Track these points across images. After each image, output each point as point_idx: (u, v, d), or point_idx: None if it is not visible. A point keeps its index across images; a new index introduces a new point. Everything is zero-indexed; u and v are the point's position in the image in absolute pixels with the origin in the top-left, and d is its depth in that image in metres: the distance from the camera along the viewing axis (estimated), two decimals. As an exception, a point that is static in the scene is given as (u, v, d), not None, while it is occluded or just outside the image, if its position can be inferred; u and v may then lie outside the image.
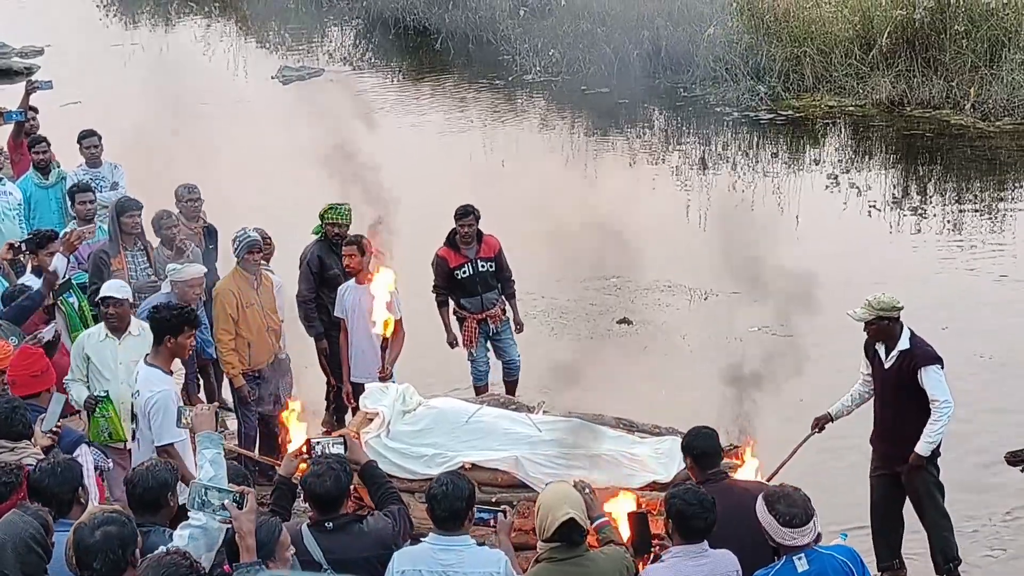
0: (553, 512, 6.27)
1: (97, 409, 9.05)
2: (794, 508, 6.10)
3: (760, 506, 6.19)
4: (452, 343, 11.88)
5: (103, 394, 9.09)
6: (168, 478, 6.28)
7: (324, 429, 10.74)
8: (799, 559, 6.09)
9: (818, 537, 6.17)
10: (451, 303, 11.86)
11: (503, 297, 11.88)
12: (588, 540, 6.45)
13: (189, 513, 5.81)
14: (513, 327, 11.94)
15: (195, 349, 10.39)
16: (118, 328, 9.27)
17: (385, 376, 10.32)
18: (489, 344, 11.89)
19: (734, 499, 6.69)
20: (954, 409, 8.98)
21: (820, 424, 9.48)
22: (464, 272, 11.67)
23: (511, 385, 11.75)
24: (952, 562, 9.18)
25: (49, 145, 13.32)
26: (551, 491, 6.53)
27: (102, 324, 9.38)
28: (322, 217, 11.29)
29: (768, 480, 8.25)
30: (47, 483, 6.17)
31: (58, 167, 13.28)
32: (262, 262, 11.06)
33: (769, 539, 6.21)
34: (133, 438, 8.49)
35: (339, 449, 6.90)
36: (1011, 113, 20.07)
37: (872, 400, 9.36)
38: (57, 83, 15.26)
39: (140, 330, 9.25)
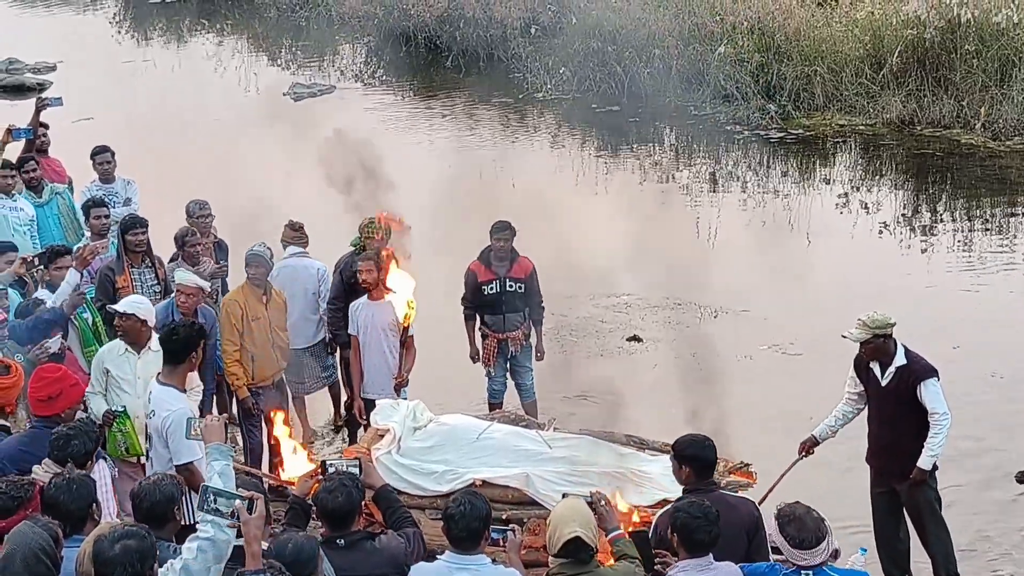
0: (560, 528, 6.30)
1: (115, 423, 9.07)
2: (804, 532, 6.10)
3: (772, 526, 6.21)
4: (474, 357, 11.79)
5: (120, 409, 9.11)
6: (174, 492, 6.29)
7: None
8: None
9: (836, 553, 6.18)
10: (477, 318, 11.75)
11: (529, 321, 11.75)
12: (600, 555, 6.46)
13: (198, 526, 5.83)
14: (535, 354, 11.83)
15: (214, 365, 10.45)
16: (136, 343, 9.30)
17: (401, 381, 10.37)
18: (509, 365, 11.82)
19: (725, 510, 6.71)
20: (951, 422, 8.94)
21: (807, 448, 9.42)
22: (492, 289, 11.51)
23: (528, 407, 11.69)
24: (954, 579, 9.19)
25: (38, 164, 13.31)
26: (563, 506, 6.55)
27: (119, 340, 9.42)
28: (362, 231, 11.28)
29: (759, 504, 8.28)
30: (61, 499, 6.15)
31: (50, 184, 13.25)
32: (305, 251, 11.72)
33: (782, 554, 6.24)
34: (147, 458, 8.49)
35: (354, 471, 6.91)
36: (1021, 133, 20.07)
37: (867, 418, 9.31)
38: (69, 99, 15.31)
39: (159, 346, 9.29)
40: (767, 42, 22.78)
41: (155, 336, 9.34)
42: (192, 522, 6.53)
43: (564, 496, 6.89)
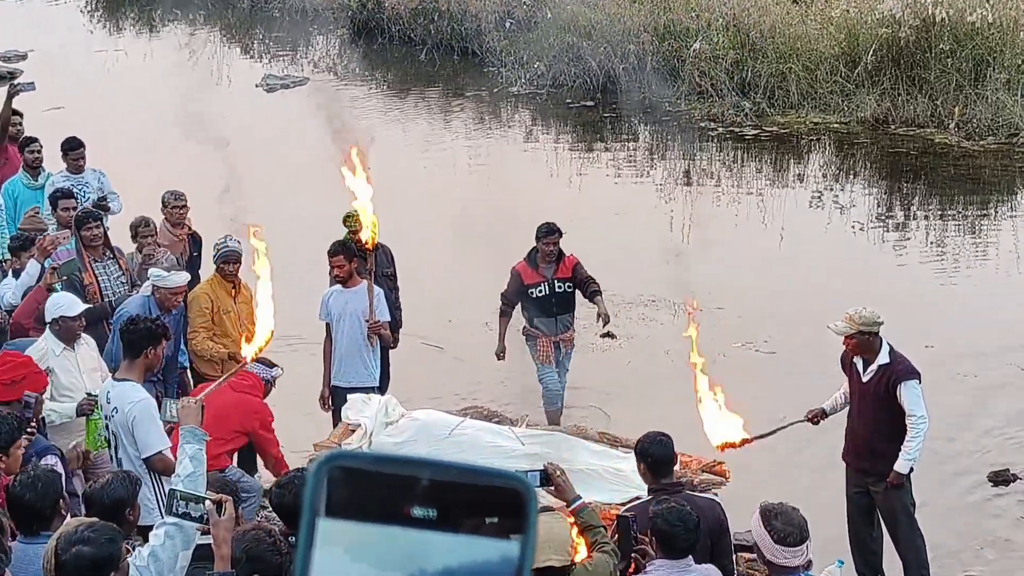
0: (536, 553, 6.13)
1: (95, 411, 8.80)
2: (790, 526, 5.99)
3: (755, 519, 6.10)
4: (499, 354, 11.60)
5: (95, 394, 8.85)
6: (123, 495, 6.20)
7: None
8: None
9: (809, 564, 6.09)
10: (512, 316, 11.57)
11: (589, 297, 11.52)
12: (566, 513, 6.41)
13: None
14: (600, 323, 11.56)
15: (172, 360, 10.28)
16: (71, 340, 9.22)
17: (376, 327, 10.27)
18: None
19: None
20: (929, 426, 8.92)
21: (814, 416, 9.36)
22: (540, 291, 11.34)
23: (552, 415, 11.38)
24: (926, 583, 9.16)
25: (41, 146, 13.26)
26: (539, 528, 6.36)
27: (51, 338, 9.19)
28: (345, 221, 11.06)
29: (742, 442, 8.22)
30: (28, 496, 6.04)
31: (48, 170, 13.19)
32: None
33: (758, 553, 6.15)
34: (115, 459, 8.20)
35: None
36: (995, 132, 20.10)
37: (847, 415, 9.29)
38: (41, 88, 15.18)
39: (86, 339, 9.37)
40: (742, 39, 22.76)
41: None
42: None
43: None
